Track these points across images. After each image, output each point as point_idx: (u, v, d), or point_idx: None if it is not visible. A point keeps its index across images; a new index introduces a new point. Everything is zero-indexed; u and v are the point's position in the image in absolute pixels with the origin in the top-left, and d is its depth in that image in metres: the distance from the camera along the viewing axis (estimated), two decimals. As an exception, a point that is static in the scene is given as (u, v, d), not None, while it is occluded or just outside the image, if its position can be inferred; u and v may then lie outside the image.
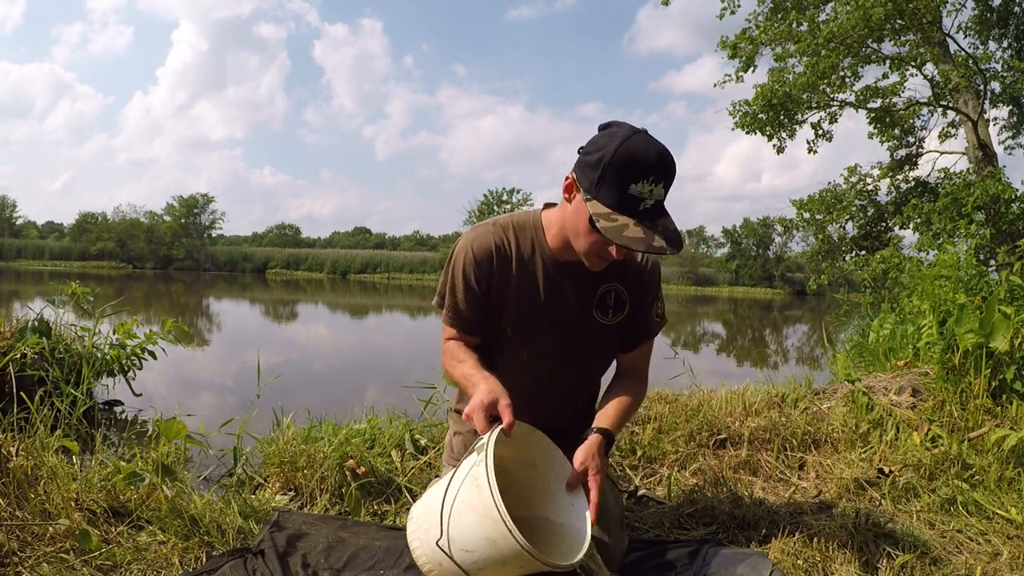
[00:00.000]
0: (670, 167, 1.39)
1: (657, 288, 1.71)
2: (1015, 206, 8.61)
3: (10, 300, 12.18)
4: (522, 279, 1.62)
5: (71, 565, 1.65)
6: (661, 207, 1.40)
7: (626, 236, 1.36)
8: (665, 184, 1.38)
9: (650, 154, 1.36)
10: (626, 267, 1.65)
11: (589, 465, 1.48)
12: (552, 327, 1.65)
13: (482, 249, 1.61)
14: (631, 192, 1.36)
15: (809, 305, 28.74)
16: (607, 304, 1.65)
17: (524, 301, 1.63)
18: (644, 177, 1.35)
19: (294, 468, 2.32)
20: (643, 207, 1.37)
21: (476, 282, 1.62)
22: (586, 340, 1.68)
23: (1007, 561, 1.82)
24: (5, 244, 47.70)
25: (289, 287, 30.44)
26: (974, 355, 2.75)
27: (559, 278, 1.62)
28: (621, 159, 1.36)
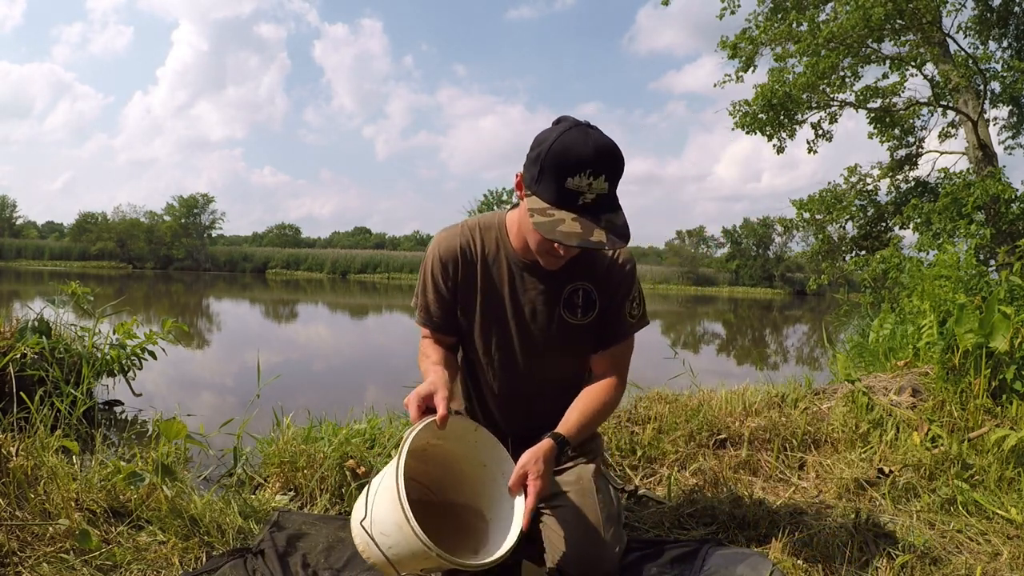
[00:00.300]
0: (610, 160, 1.35)
1: (630, 287, 1.65)
2: (1015, 206, 8.60)
3: (10, 300, 12.18)
4: (487, 280, 1.63)
5: (71, 565, 1.65)
6: (607, 201, 1.37)
7: (560, 231, 1.34)
8: (607, 177, 1.35)
9: (587, 147, 1.33)
10: (594, 265, 1.61)
11: (530, 470, 1.44)
12: (519, 327, 1.64)
13: (448, 251, 1.63)
14: (568, 186, 1.34)
15: (809, 305, 28.74)
16: (575, 303, 1.62)
17: (490, 302, 1.64)
18: (581, 170, 1.33)
19: (294, 468, 2.32)
20: (583, 201, 1.35)
21: (444, 284, 1.64)
22: (557, 340, 1.65)
23: (1007, 561, 1.82)
24: (5, 244, 47.68)
25: (289, 287, 30.44)
26: (974, 355, 2.75)
27: (524, 278, 1.61)
28: (556, 153, 1.35)
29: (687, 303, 29.35)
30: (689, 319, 19.64)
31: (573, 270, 1.59)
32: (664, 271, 46.58)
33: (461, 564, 1.31)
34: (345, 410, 2.89)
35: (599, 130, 1.39)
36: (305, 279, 40.14)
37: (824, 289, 12.61)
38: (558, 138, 1.36)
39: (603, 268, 1.62)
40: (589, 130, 1.37)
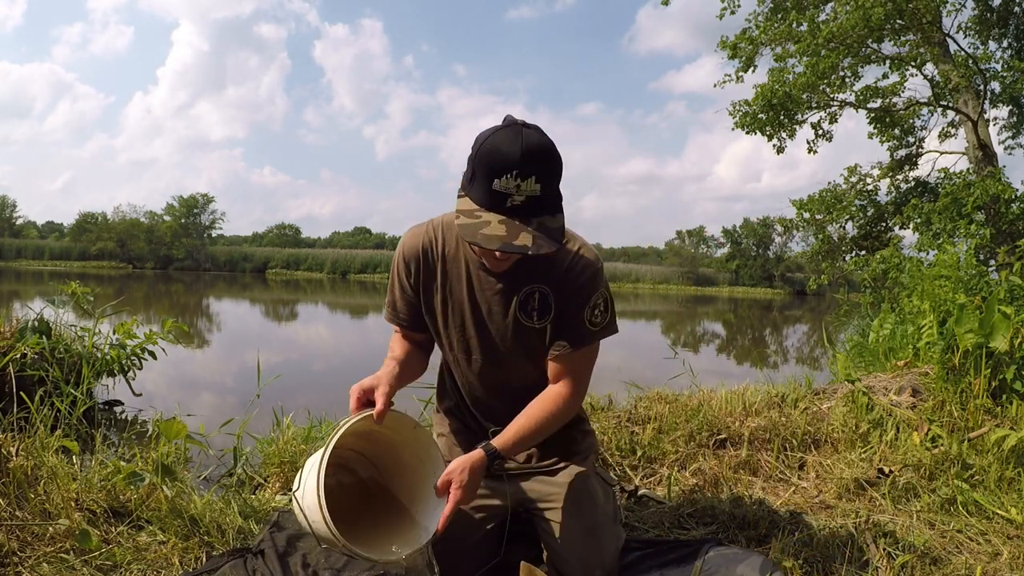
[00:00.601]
0: (541, 161, 1.31)
1: (590, 293, 1.55)
2: (1015, 206, 8.60)
3: (10, 300, 12.18)
4: (447, 280, 1.62)
5: (71, 565, 1.65)
6: (540, 203, 1.32)
7: (482, 234, 1.31)
8: (538, 179, 1.30)
9: (515, 148, 1.29)
10: (552, 268, 1.55)
11: (454, 478, 1.42)
12: (478, 328, 1.62)
13: (411, 250, 1.62)
14: (495, 188, 1.30)
15: (809, 305, 28.74)
16: (530, 307, 1.57)
17: (451, 301, 1.63)
18: (507, 171, 1.29)
19: (294, 468, 2.32)
20: (511, 203, 1.31)
21: (407, 282, 1.64)
22: (515, 342, 1.61)
23: (1007, 561, 1.82)
24: (5, 244, 47.67)
25: (289, 287, 30.44)
26: (974, 355, 2.74)
27: (482, 278, 1.59)
28: (484, 154, 1.32)
29: (687, 303, 29.35)
30: (689, 319, 19.64)
31: (531, 272, 1.55)
32: (664, 271, 46.57)
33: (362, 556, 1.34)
34: (345, 410, 2.87)
35: (536, 130, 1.34)
36: (305, 279, 40.14)
37: (824, 289, 12.61)
38: (488, 138, 1.33)
39: (561, 271, 1.55)
40: (523, 130, 1.32)
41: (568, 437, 1.74)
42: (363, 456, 1.67)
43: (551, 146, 1.34)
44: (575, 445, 1.75)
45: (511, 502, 1.70)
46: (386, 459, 1.64)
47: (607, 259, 55.43)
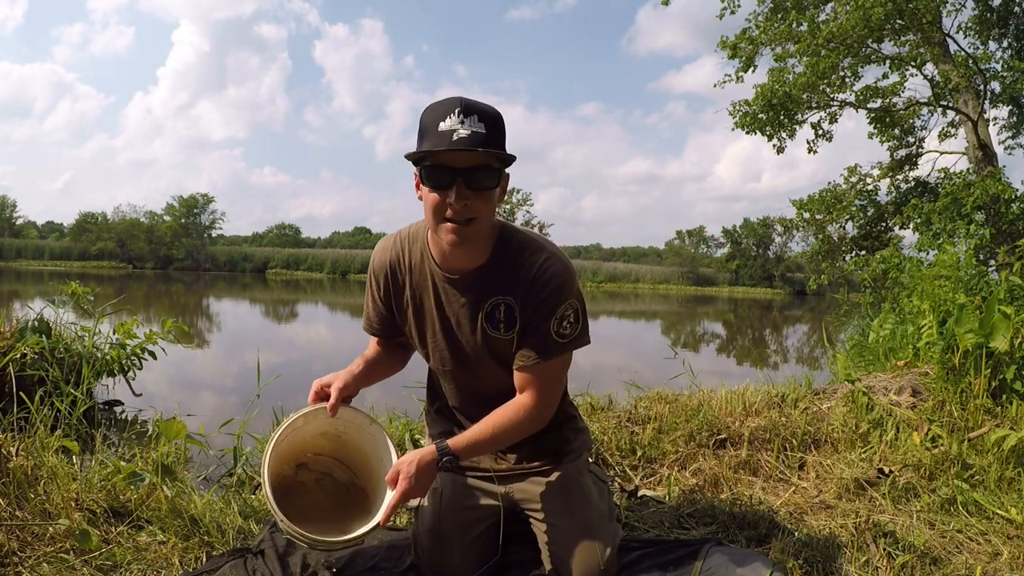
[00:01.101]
0: (481, 107, 1.39)
1: (558, 303, 1.51)
2: (1015, 206, 8.61)
3: (10, 300, 12.18)
4: (414, 291, 1.64)
5: (71, 565, 1.65)
6: (488, 141, 1.38)
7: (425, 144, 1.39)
8: (481, 117, 1.38)
9: (453, 98, 1.39)
10: (516, 280, 1.52)
11: (402, 470, 1.46)
12: (448, 339, 1.63)
13: (380, 264, 1.66)
14: (441, 129, 1.37)
15: (809, 305, 28.74)
16: (497, 318, 1.55)
17: (420, 314, 1.65)
18: (450, 112, 1.37)
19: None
20: (456, 137, 1.36)
21: (378, 293, 1.68)
22: (485, 352, 1.60)
23: (1007, 561, 1.82)
24: (5, 244, 47.66)
25: (289, 287, 30.44)
26: (974, 355, 2.74)
27: (447, 290, 1.59)
28: (427, 112, 1.42)
29: (687, 303, 29.35)
30: (689, 319, 19.64)
31: (497, 283, 1.53)
32: (664, 271, 46.55)
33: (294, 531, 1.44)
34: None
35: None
36: (305, 279, 40.14)
37: (824, 289, 12.61)
38: (430, 104, 1.43)
39: (526, 282, 1.52)
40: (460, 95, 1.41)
41: (560, 437, 1.74)
42: (338, 461, 1.76)
43: (493, 108, 1.43)
44: (567, 444, 1.75)
45: (506, 503, 1.70)
46: (356, 460, 1.72)
47: (607, 259, 55.42)
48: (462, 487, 1.71)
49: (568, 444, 1.74)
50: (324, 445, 1.71)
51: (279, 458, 1.60)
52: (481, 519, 1.70)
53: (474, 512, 1.69)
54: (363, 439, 1.65)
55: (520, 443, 1.65)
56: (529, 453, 1.71)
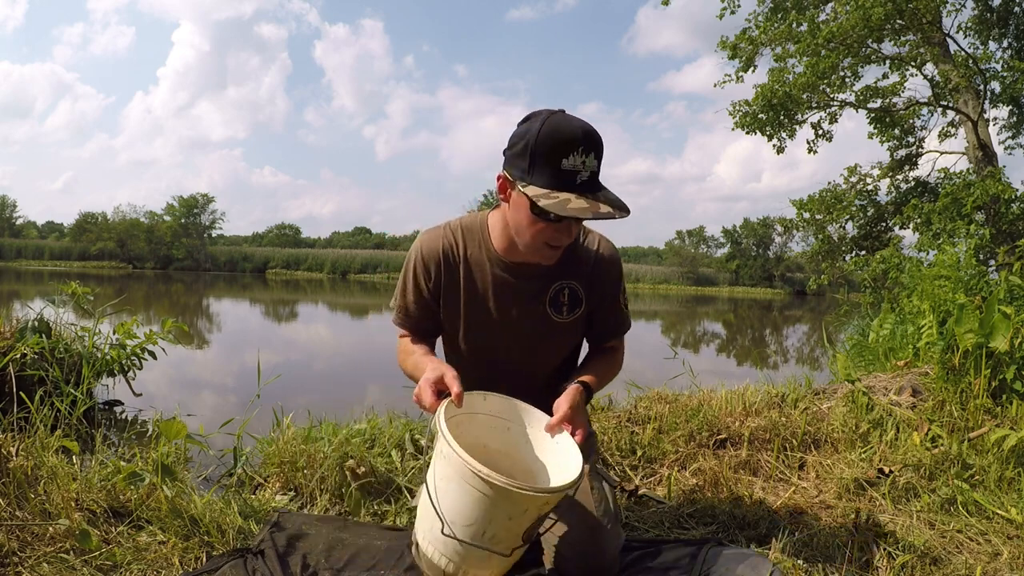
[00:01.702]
0: (596, 138, 1.39)
1: (618, 276, 1.67)
2: (1015, 206, 8.61)
3: (10, 300, 12.17)
4: (470, 281, 1.62)
5: (71, 565, 1.65)
6: (597, 180, 1.40)
7: (571, 208, 1.35)
8: (596, 155, 1.39)
9: (574, 127, 1.37)
10: (579, 262, 1.62)
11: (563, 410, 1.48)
12: (505, 327, 1.64)
13: (431, 252, 1.62)
14: (564, 167, 1.36)
15: (809, 305, 28.74)
16: (560, 302, 1.62)
17: (476, 303, 1.63)
18: (574, 149, 1.35)
19: (294, 468, 2.32)
20: (579, 180, 1.37)
21: (425, 285, 1.63)
22: (542, 339, 1.65)
23: (1007, 561, 1.82)
24: (5, 244, 47.67)
25: (289, 287, 30.44)
26: (974, 355, 2.75)
27: (508, 279, 1.61)
28: (546, 137, 1.37)
29: (687, 303, 29.35)
30: (689, 319, 19.64)
31: (560, 269, 1.60)
32: (664, 271, 46.54)
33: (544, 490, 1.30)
34: (345, 410, 2.89)
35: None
36: (305, 279, 40.13)
37: (824, 289, 12.61)
38: (543, 124, 1.38)
39: (590, 264, 1.62)
40: (568, 114, 1.41)
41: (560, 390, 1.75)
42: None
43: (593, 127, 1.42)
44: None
45: None
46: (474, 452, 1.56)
47: (607, 259, 55.26)
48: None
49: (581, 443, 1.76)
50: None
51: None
52: None
53: None
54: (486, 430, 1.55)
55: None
56: None
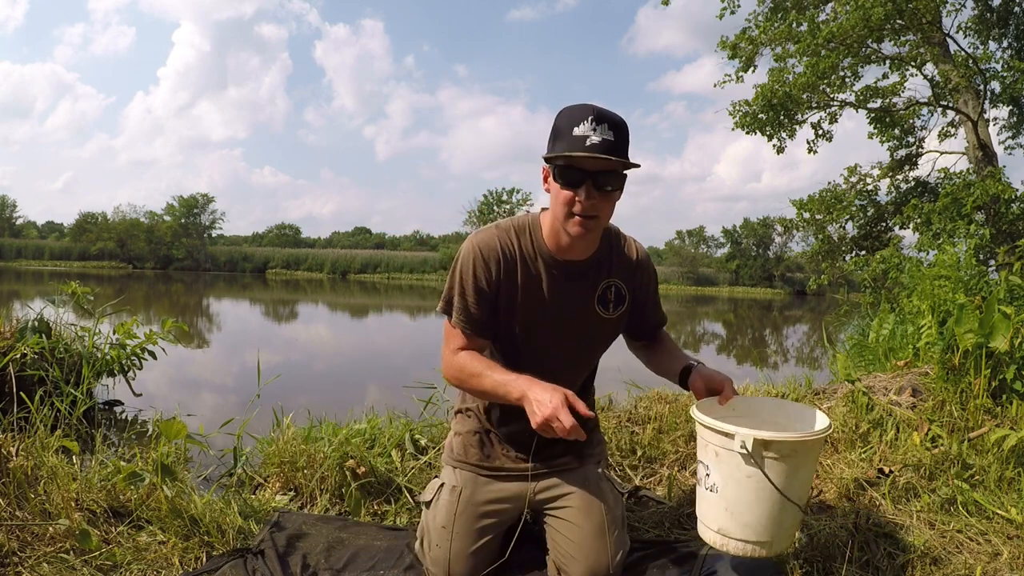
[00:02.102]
0: (609, 115, 1.51)
1: (654, 272, 1.84)
2: (1015, 206, 8.61)
3: (10, 300, 12.17)
4: (527, 279, 1.66)
5: (71, 565, 1.65)
6: (615, 149, 1.50)
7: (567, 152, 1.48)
8: (611, 127, 1.49)
9: (587, 105, 1.52)
10: (621, 263, 1.75)
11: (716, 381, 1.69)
12: (557, 323, 1.69)
13: (490, 250, 1.64)
14: (575, 134, 1.49)
15: (809, 305, 28.73)
16: (608, 299, 1.73)
17: (531, 300, 1.66)
18: (584, 119, 1.49)
19: (294, 468, 2.32)
20: (589, 142, 1.48)
21: (486, 283, 1.64)
22: (589, 334, 1.74)
23: (1007, 561, 1.82)
24: (5, 244, 47.67)
25: (289, 287, 30.44)
26: (974, 355, 2.74)
27: (561, 277, 1.67)
28: (562, 116, 1.54)
29: (687, 303, 29.35)
30: (689, 319, 19.64)
31: (608, 268, 1.72)
32: (664, 271, 46.52)
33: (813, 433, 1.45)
34: (345, 410, 2.89)
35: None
36: (305, 279, 40.14)
37: (824, 289, 12.61)
38: (564, 108, 1.55)
39: (632, 265, 1.76)
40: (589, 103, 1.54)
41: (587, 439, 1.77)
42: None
43: (621, 117, 1.54)
44: (590, 447, 1.80)
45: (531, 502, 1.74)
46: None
47: (607, 259, 55.34)
48: (482, 487, 1.73)
49: (593, 447, 1.82)
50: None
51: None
52: (496, 522, 1.72)
53: (489, 515, 1.71)
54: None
55: (551, 441, 1.70)
56: (561, 449, 1.77)
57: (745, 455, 1.40)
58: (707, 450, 1.50)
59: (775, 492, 1.42)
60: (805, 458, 1.45)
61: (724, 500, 1.47)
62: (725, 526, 1.48)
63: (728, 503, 1.46)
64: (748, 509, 1.45)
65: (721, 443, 1.45)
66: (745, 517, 1.46)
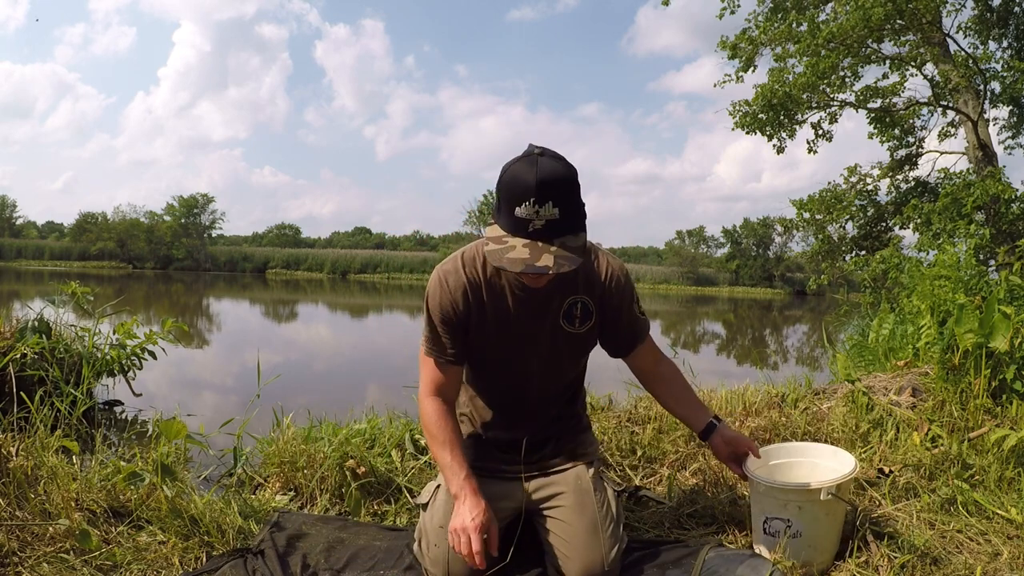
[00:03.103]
0: (555, 188, 1.40)
1: (631, 292, 1.78)
2: (1015, 206, 8.61)
3: (10, 300, 12.17)
4: (494, 304, 1.68)
5: (71, 565, 1.65)
6: (560, 225, 1.41)
7: (507, 258, 1.41)
8: (555, 203, 1.39)
9: (529, 177, 1.39)
10: (591, 281, 1.72)
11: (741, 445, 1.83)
12: (528, 343, 1.71)
13: (456, 282, 1.67)
14: (517, 215, 1.41)
15: (809, 305, 28.73)
16: (574, 315, 1.71)
17: (500, 324, 1.69)
18: (525, 200, 1.39)
19: (294, 468, 2.32)
20: (532, 228, 1.40)
21: (453, 314, 1.67)
22: (560, 349, 1.74)
23: (1007, 561, 1.82)
24: (5, 244, 47.67)
25: (289, 287, 30.44)
26: (974, 355, 2.74)
27: (526, 298, 1.67)
28: (504, 184, 1.43)
29: (687, 303, 29.35)
30: (689, 319, 19.64)
31: (573, 285, 1.69)
32: (664, 271, 46.53)
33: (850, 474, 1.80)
34: (345, 410, 2.89)
35: (550, 157, 1.43)
36: (305, 279, 40.15)
37: (824, 289, 12.62)
38: (507, 170, 1.44)
39: (600, 284, 1.72)
40: (539, 159, 1.41)
41: (576, 441, 1.84)
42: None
43: (565, 172, 1.43)
44: (582, 448, 1.84)
45: (527, 502, 1.76)
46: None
47: (607, 259, 55.36)
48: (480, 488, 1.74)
49: (585, 447, 1.85)
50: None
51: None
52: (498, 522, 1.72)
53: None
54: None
55: (544, 442, 1.80)
56: (552, 451, 1.81)
57: (829, 500, 1.69)
58: (788, 508, 1.73)
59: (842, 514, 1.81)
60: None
61: (807, 540, 1.73)
62: (808, 559, 1.75)
63: (812, 541, 1.74)
64: (827, 537, 1.77)
65: (804, 498, 1.71)
66: (824, 544, 1.77)
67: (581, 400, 1.95)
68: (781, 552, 1.74)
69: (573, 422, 1.88)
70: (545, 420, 1.82)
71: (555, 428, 1.82)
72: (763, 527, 1.79)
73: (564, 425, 1.84)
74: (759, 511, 1.81)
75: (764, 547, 1.79)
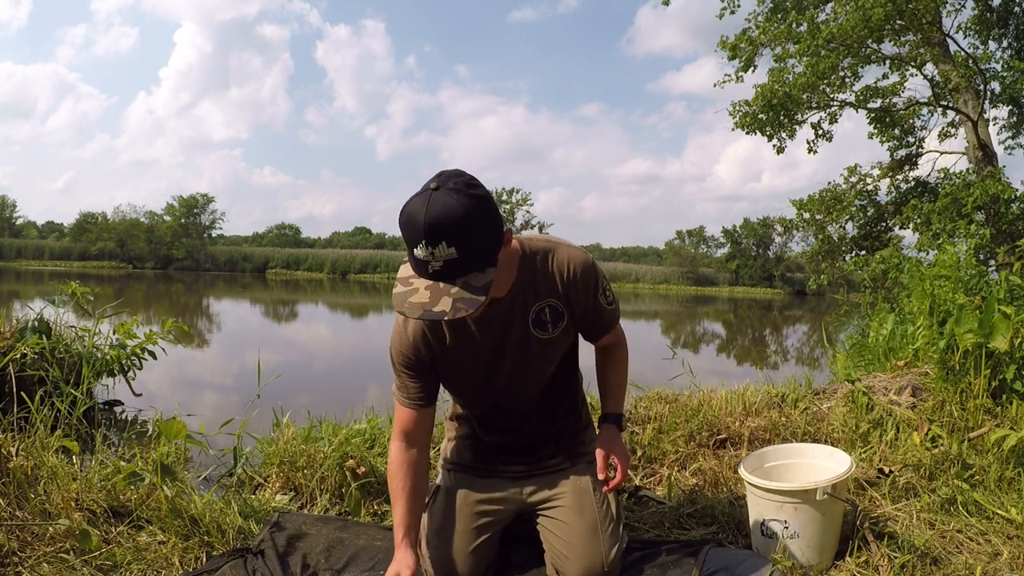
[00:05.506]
0: (448, 229, 1.28)
1: (594, 283, 1.66)
2: (1015, 206, 8.60)
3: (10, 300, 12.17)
4: (459, 338, 1.63)
5: (71, 565, 1.65)
6: (462, 264, 1.32)
7: (408, 303, 1.34)
8: (449, 243, 1.29)
9: (419, 219, 1.29)
10: (549, 284, 1.63)
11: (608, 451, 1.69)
12: (501, 360, 1.66)
13: (415, 327, 1.62)
14: (416, 256, 1.33)
15: (809, 305, 28.73)
16: (544, 320, 1.64)
17: (469, 355, 1.65)
18: (418, 242, 1.30)
19: (294, 468, 2.32)
20: (432, 269, 1.32)
21: (415, 358, 1.64)
22: (535, 356, 1.68)
23: (1007, 561, 1.82)
24: (5, 244, 47.65)
25: (289, 287, 30.44)
26: (974, 355, 2.74)
27: (488, 322, 1.61)
28: (401, 224, 1.34)
29: (687, 303, 29.36)
30: (689, 319, 19.64)
31: (536, 292, 1.62)
32: (664, 271, 46.51)
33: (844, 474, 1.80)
34: (345, 410, 2.89)
35: (448, 191, 1.30)
36: (305, 279, 40.15)
37: (824, 289, 12.60)
38: (404, 207, 1.33)
39: (564, 282, 1.64)
40: (432, 195, 1.30)
41: (576, 440, 1.82)
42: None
43: (461, 210, 1.29)
44: (582, 447, 1.82)
45: (524, 502, 1.75)
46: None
47: (607, 259, 55.54)
48: (477, 486, 1.75)
49: (585, 446, 1.82)
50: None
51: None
52: (492, 521, 1.73)
53: (485, 513, 1.72)
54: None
55: (543, 442, 1.77)
56: (551, 451, 1.78)
57: (825, 499, 1.72)
58: (784, 509, 1.76)
59: (840, 514, 1.82)
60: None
61: (804, 540, 1.76)
62: (808, 559, 1.77)
63: (809, 542, 1.76)
64: (825, 537, 1.78)
65: (800, 499, 1.74)
66: (823, 544, 1.78)
67: (579, 394, 1.90)
68: (780, 553, 1.74)
69: (572, 420, 1.84)
70: (540, 423, 1.78)
71: (553, 429, 1.80)
72: (760, 529, 1.79)
73: (562, 424, 1.81)
74: (755, 513, 1.82)
75: (763, 549, 1.79)
